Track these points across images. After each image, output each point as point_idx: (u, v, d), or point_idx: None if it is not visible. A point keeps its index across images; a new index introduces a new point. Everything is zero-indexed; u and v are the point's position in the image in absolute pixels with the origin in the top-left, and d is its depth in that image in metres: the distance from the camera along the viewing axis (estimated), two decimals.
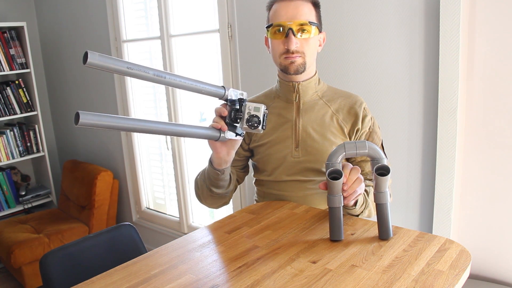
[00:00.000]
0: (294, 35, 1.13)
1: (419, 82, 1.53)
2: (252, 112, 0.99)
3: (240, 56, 2.04)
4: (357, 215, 1.13)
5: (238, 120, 1.00)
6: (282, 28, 1.14)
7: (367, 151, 0.97)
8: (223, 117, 1.00)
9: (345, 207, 1.09)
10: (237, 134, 1.02)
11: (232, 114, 0.99)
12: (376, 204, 0.95)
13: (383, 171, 0.92)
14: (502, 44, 1.40)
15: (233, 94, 0.99)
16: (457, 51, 1.40)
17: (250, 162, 1.36)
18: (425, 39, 1.49)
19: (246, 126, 1.00)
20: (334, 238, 0.95)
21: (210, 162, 1.16)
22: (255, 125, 0.99)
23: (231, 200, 2.26)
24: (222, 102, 1.01)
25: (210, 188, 1.21)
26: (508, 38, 1.39)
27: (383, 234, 0.95)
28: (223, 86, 0.97)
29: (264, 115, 1.00)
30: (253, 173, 1.34)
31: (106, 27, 2.69)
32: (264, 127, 1.01)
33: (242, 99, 1.00)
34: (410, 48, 1.52)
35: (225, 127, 0.99)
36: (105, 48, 2.74)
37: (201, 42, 2.29)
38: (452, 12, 1.39)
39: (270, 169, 1.24)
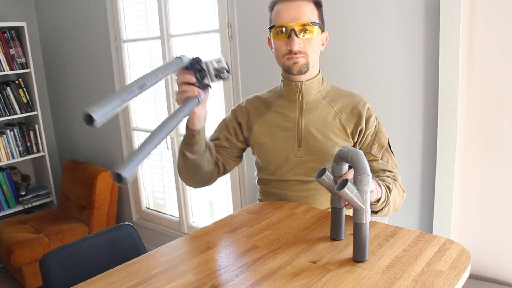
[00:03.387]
0: (297, 35, 1.13)
1: (419, 82, 1.53)
2: (217, 66, 1.02)
3: (240, 56, 2.04)
4: (376, 212, 1.10)
5: (204, 78, 1.03)
6: (285, 29, 1.14)
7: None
8: (191, 84, 1.01)
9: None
10: (206, 87, 1.05)
11: (198, 76, 1.01)
12: (354, 223, 0.87)
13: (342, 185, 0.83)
14: (502, 44, 1.40)
15: (190, 59, 1.01)
16: (457, 51, 1.40)
17: (245, 158, 1.33)
18: (425, 39, 1.49)
19: (216, 79, 1.03)
20: (334, 238, 0.97)
21: (187, 126, 1.14)
22: (225, 73, 1.03)
23: (231, 200, 2.28)
24: (178, 71, 1.02)
25: (184, 153, 1.18)
26: (508, 38, 1.39)
27: (358, 255, 0.87)
28: (178, 57, 0.98)
29: (226, 62, 1.03)
30: (255, 172, 1.34)
31: (106, 27, 2.69)
32: (229, 72, 1.05)
33: (197, 58, 1.02)
34: (410, 48, 1.52)
35: (200, 90, 1.01)
36: (105, 48, 2.74)
37: (201, 42, 2.29)
38: (452, 12, 1.39)
39: (272, 168, 1.25)
